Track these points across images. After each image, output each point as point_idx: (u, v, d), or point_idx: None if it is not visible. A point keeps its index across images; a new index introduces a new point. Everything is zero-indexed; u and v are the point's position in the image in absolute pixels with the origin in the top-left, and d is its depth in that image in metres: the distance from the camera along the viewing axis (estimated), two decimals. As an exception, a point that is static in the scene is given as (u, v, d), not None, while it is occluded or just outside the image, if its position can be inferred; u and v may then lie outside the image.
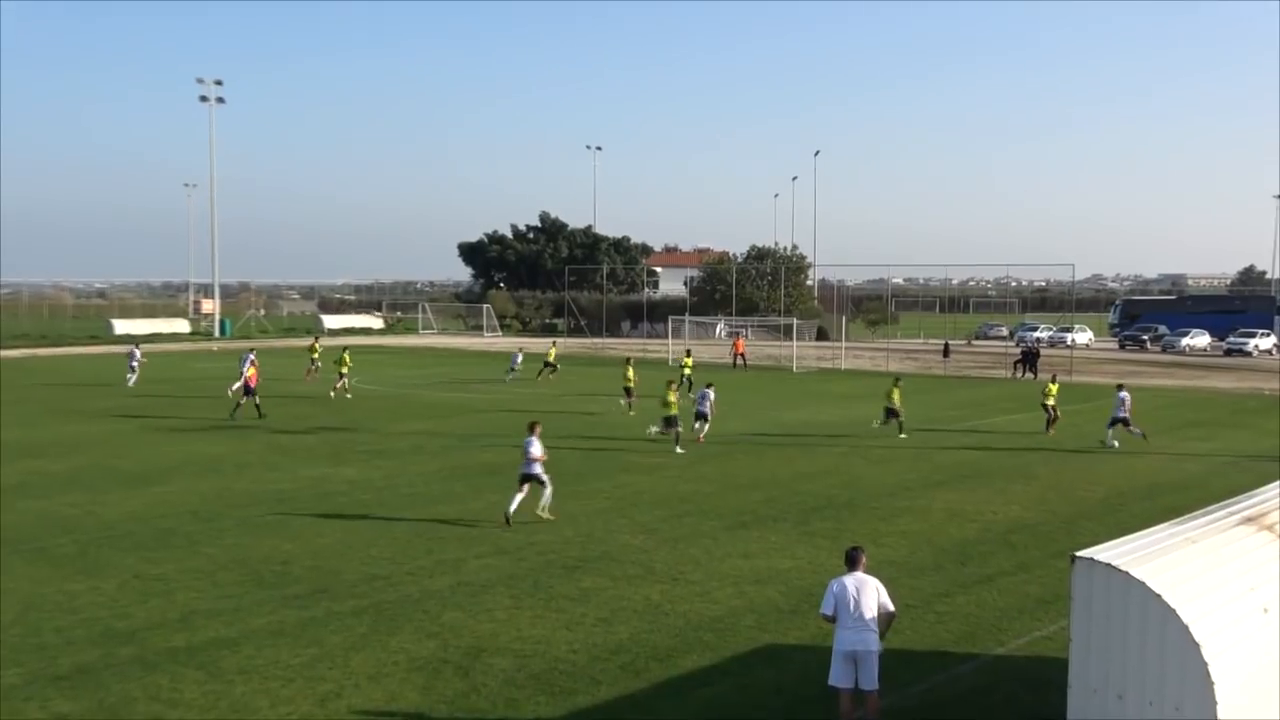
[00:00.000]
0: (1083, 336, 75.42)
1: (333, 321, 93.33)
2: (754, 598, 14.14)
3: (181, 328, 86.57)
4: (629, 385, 34.75)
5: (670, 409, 26.59)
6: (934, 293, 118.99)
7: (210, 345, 72.17)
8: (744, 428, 30.45)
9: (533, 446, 18.16)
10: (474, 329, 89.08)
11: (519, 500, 18.14)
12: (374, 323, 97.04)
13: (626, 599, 14.01)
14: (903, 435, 29.07)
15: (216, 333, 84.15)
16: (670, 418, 26.53)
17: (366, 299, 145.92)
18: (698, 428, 27.56)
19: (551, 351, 47.94)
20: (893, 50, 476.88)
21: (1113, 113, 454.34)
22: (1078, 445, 27.89)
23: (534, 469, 18.17)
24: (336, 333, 64.56)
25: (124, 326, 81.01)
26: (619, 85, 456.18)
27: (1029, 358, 50.41)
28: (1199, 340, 71.90)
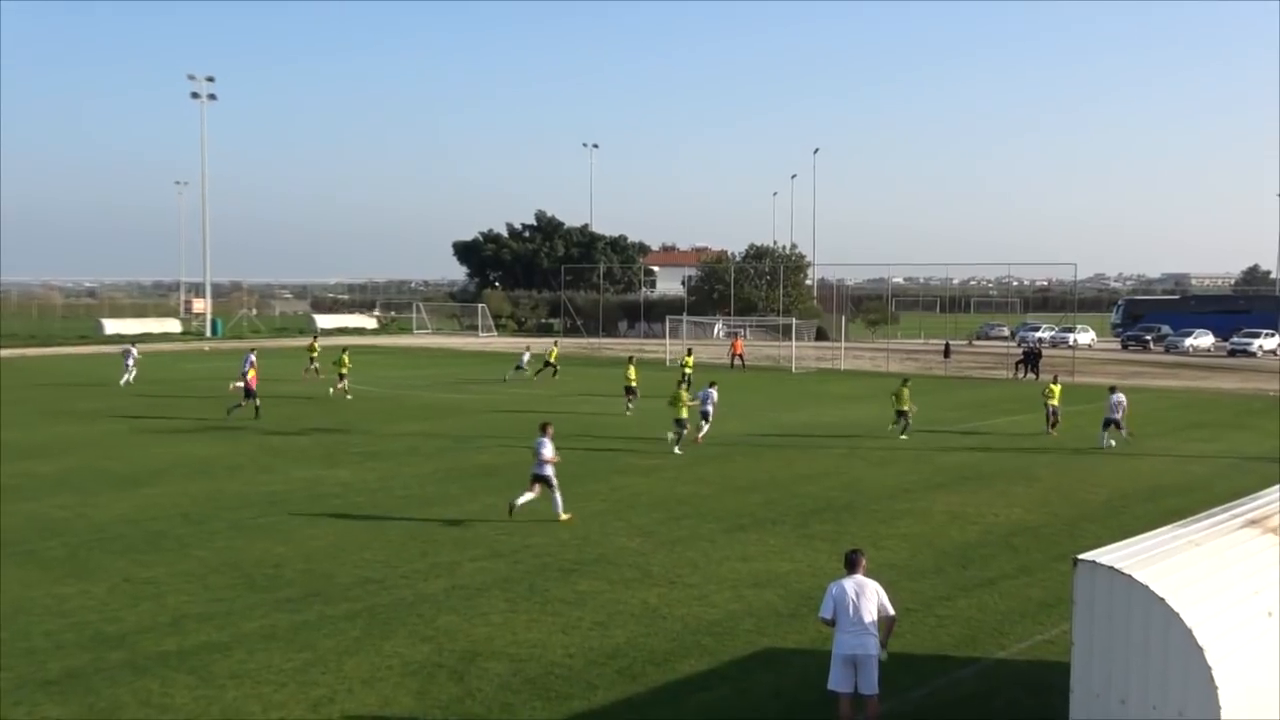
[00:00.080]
0: (1085, 337, 75.21)
1: (326, 321, 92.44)
2: (752, 601, 14.06)
3: (173, 327, 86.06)
4: (630, 384, 34.68)
5: (680, 410, 26.58)
6: (935, 292, 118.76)
7: (202, 345, 72.03)
8: (742, 429, 30.34)
9: (545, 448, 18.15)
10: (469, 329, 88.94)
11: (528, 498, 18.17)
12: (367, 322, 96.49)
13: (623, 602, 13.92)
14: (904, 436, 29.03)
15: (208, 333, 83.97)
16: (681, 419, 26.52)
17: (360, 298, 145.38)
18: (700, 428, 27.53)
19: (553, 352, 47.96)
20: (893, 47, 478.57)
21: (1116, 111, 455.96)
22: (1080, 447, 27.78)
23: (544, 470, 18.15)
24: (330, 333, 64.41)
25: (114, 326, 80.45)
26: (616, 83, 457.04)
27: (1031, 358, 50.34)
28: (1202, 341, 71.62)
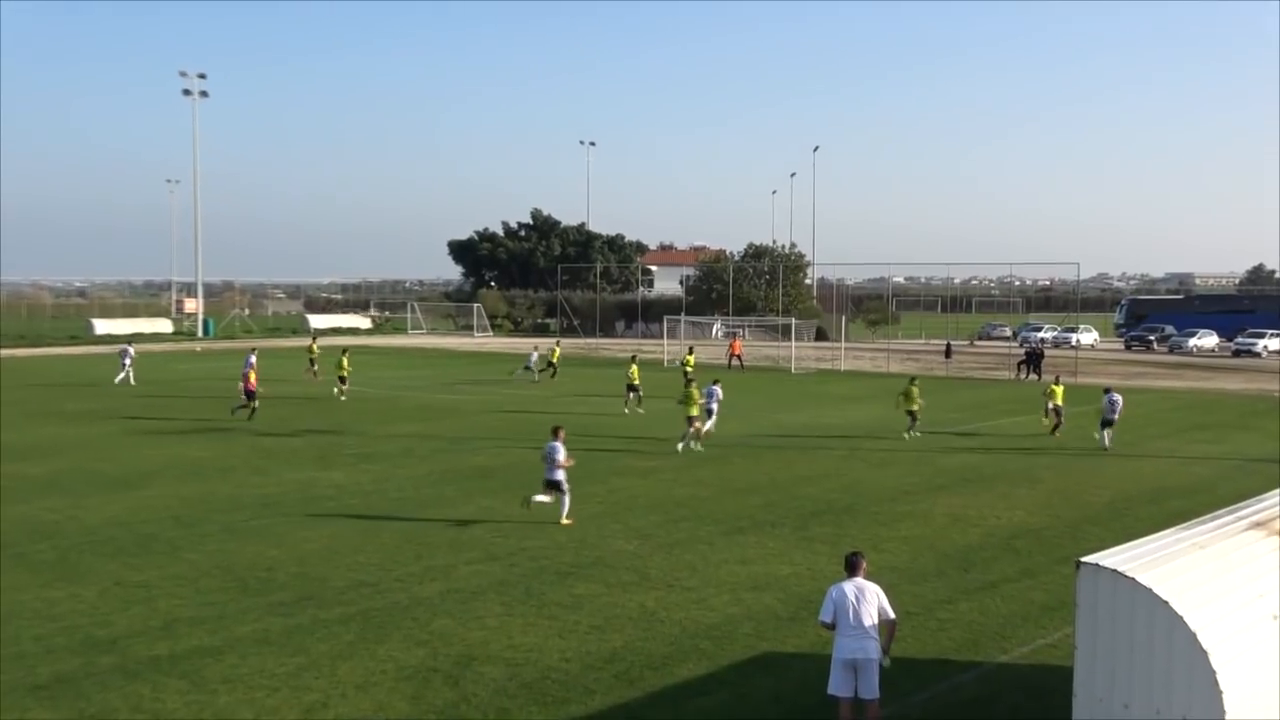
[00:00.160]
0: (1088, 337, 74.92)
1: (319, 321, 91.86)
2: (751, 605, 13.97)
3: (164, 328, 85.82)
4: (633, 383, 34.60)
5: (692, 408, 26.64)
6: (936, 292, 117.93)
7: (194, 346, 71.90)
8: (741, 430, 30.25)
9: (558, 453, 18.10)
10: (464, 329, 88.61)
11: (543, 499, 18.19)
12: (361, 322, 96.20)
13: (620, 606, 13.83)
14: (916, 434, 29.14)
15: (200, 333, 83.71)
16: (692, 418, 26.61)
17: (354, 298, 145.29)
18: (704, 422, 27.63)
19: (555, 353, 48.06)
20: (894, 45, 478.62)
21: (1119, 109, 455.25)
22: (1083, 449, 27.67)
23: (556, 475, 18.09)
24: (324, 333, 64.33)
25: (105, 326, 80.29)
26: (613, 80, 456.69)
27: (1033, 359, 50.26)
28: (1206, 341, 71.44)
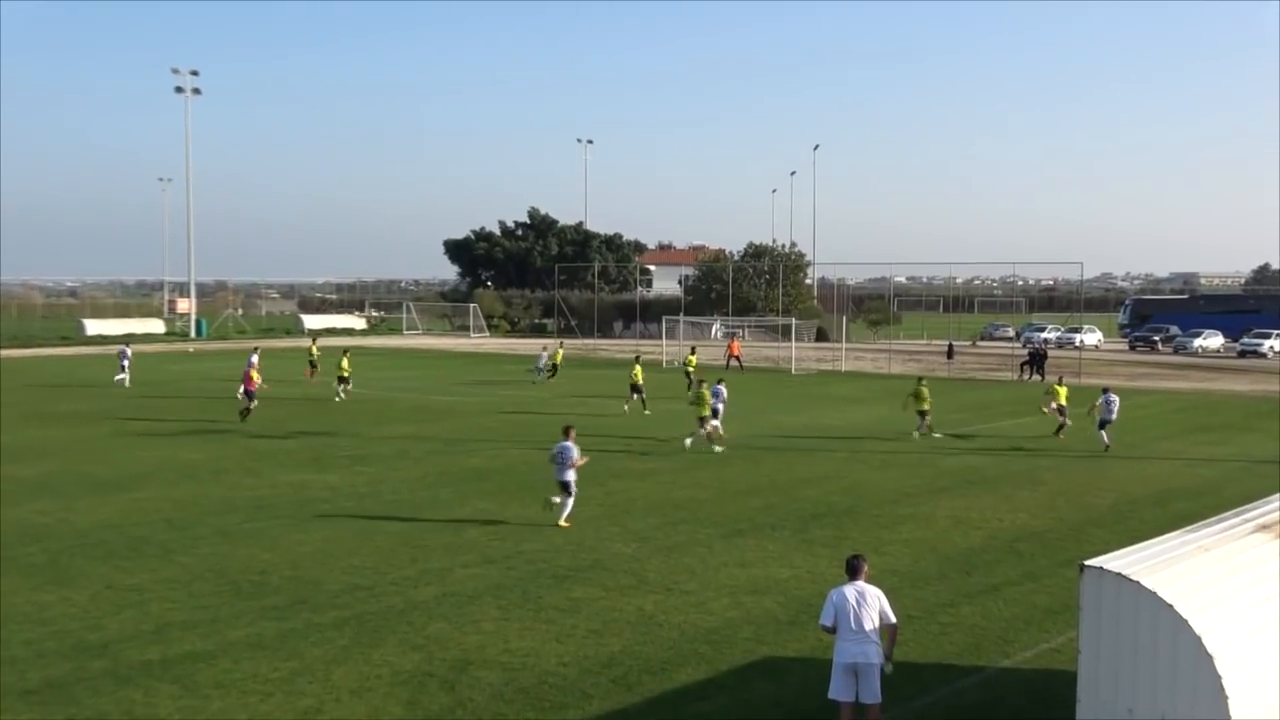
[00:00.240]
0: (1091, 337, 74.70)
1: (313, 321, 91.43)
2: (751, 608, 13.90)
3: (156, 328, 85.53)
4: (636, 383, 34.54)
5: (704, 408, 26.78)
6: (937, 292, 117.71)
7: (186, 346, 71.89)
8: (741, 432, 30.12)
9: (571, 452, 18.07)
10: (460, 329, 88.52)
11: (559, 500, 18.19)
12: (356, 323, 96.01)
13: (619, 610, 13.75)
14: (933, 434, 29.24)
15: (193, 333, 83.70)
16: (703, 418, 26.80)
17: (349, 298, 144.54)
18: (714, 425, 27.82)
19: (558, 354, 48.21)
20: (895, 43, 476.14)
21: (1120, 108, 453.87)
22: (1086, 450, 27.54)
23: (566, 476, 18.06)
24: (318, 333, 64.29)
25: (96, 327, 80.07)
26: (611, 78, 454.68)
27: (1036, 359, 50.13)
28: (1212, 341, 71.19)
